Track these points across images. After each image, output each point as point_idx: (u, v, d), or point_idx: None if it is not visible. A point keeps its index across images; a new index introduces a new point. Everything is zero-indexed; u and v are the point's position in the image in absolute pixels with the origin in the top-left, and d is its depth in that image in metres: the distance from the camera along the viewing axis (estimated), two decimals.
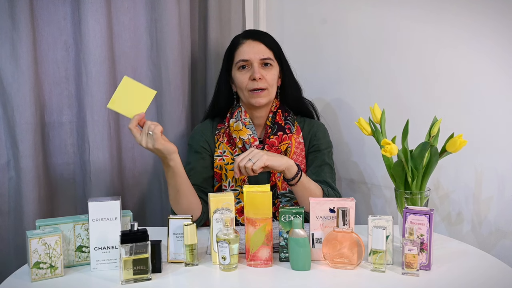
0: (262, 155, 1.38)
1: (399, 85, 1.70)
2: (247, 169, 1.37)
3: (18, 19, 1.52)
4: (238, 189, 1.59)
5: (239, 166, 1.38)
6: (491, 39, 1.45)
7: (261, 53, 1.59)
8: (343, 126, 1.89)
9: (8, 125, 1.56)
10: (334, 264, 1.23)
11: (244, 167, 1.37)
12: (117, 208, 1.23)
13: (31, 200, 1.56)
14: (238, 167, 1.38)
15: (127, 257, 1.15)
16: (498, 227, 1.49)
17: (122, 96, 1.35)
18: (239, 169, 1.38)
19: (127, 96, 1.35)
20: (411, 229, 1.17)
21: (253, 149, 1.40)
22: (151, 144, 1.34)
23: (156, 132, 1.33)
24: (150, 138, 1.33)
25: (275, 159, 1.40)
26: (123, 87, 1.35)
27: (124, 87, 1.35)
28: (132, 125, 1.35)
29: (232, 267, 1.22)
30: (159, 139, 1.34)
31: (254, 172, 1.37)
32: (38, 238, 1.17)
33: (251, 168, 1.36)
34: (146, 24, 1.74)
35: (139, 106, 1.36)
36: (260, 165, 1.37)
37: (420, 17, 1.61)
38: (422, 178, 1.35)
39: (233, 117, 1.64)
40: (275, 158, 1.40)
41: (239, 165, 1.38)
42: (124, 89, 1.35)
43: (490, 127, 1.48)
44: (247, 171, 1.37)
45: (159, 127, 1.34)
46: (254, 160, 1.37)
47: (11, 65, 1.53)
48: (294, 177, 1.43)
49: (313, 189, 1.47)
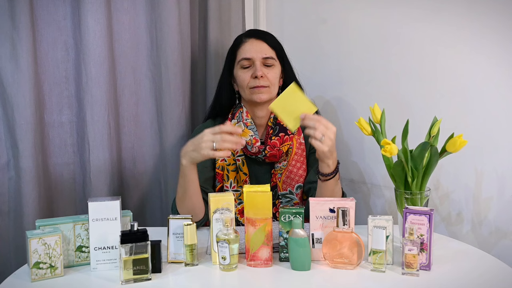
0: (330, 144, 1.33)
1: (399, 85, 1.70)
2: (312, 135, 1.31)
3: (18, 19, 1.52)
4: (240, 190, 1.59)
5: (308, 124, 1.32)
6: (491, 39, 1.45)
7: (264, 52, 1.59)
8: (343, 126, 1.89)
9: (8, 125, 1.56)
10: (334, 264, 1.23)
11: (312, 133, 1.31)
12: (117, 208, 1.23)
13: (31, 200, 1.56)
14: (309, 124, 1.32)
15: (127, 257, 1.15)
16: (498, 227, 1.49)
17: (286, 101, 1.34)
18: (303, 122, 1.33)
19: (290, 103, 1.34)
20: (411, 229, 1.17)
21: (330, 127, 1.33)
22: (203, 147, 1.31)
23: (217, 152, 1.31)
24: (210, 145, 1.31)
25: (330, 156, 1.36)
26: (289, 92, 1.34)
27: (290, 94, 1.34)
28: (225, 127, 1.31)
29: (232, 267, 1.22)
30: (208, 154, 1.32)
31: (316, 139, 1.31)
32: (38, 238, 1.17)
33: (314, 138, 1.31)
34: (146, 24, 1.74)
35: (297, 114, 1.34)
36: (325, 146, 1.32)
37: (420, 16, 1.61)
38: (422, 178, 1.35)
39: (234, 118, 1.64)
40: (331, 155, 1.36)
41: (309, 124, 1.31)
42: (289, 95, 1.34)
43: (490, 127, 1.48)
44: (309, 133, 1.32)
45: (221, 154, 1.32)
46: (323, 139, 1.32)
47: (11, 65, 1.53)
48: (331, 173, 1.41)
49: (337, 190, 1.46)
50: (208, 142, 1.31)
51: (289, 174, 1.60)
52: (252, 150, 1.59)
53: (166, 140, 1.78)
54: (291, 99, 1.34)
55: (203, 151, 1.32)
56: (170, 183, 1.79)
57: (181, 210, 1.45)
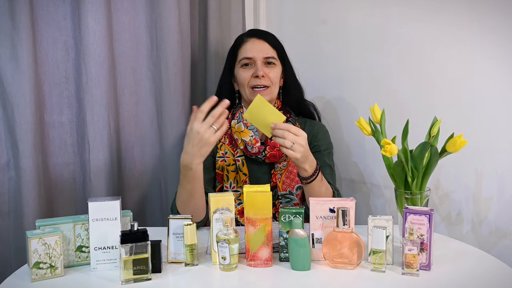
0: (302, 150, 1.34)
1: (399, 85, 1.70)
2: (282, 144, 1.32)
3: (18, 19, 1.52)
4: (240, 190, 1.59)
5: (277, 134, 1.33)
6: (491, 39, 1.45)
7: (265, 51, 1.60)
8: (343, 126, 1.89)
9: (8, 125, 1.56)
10: (334, 264, 1.23)
11: (281, 142, 1.32)
12: (117, 208, 1.23)
13: (31, 200, 1.56)
14: (277, 134, 1.33)
15: (127, 257, 1.15)
16: (498, 227, 1.49)
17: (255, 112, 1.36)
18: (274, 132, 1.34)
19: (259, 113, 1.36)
20: (411, 229, 1.17)
21: (301, 134, 1.34)
22: (208, 137, 1.30)
23: (221, 130, 1.31)
24: (211, 131, 1.30)
25: (305, 160, 1.37)
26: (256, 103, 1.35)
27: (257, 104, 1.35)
28: (203, 107, 1.30)
29: (232, 267, 1.22)
30: (217, 138, 1.31)
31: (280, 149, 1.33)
32: (38, 238, 1.17)
33: (284, 147, 1.32)
34: (146, 24, 1.74)
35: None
36: (297, 153, 1.33)
37: (420, 17, 1.61)
38: (422, 178, 1.35)
39: (234, 118, 1.64)
40: (305, 160, 1.37)
41: (278, 134, 1.32)
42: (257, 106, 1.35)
43: (490, 127, 1.48)
44: (279, 142, 1.33)
45: (225, 128, 1.32)
46: (294, 147, 1.32)
47: (11, 65, 1.53)
48: (311, 176, 1.41)
49: (324, 190, 1.47)
50: (207, 130, 1.30)
51: (289, 175, 1.60)
52: (252, 151, 1.59)
53: (166, 140, 1.78)
54: (260, 110, 1.35)
55: (211, 139, 1.31)
56: (170, 183, 1.79)
57: (184, 212, 1.44)
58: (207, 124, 1.30)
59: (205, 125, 1.30)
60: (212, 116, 1.30)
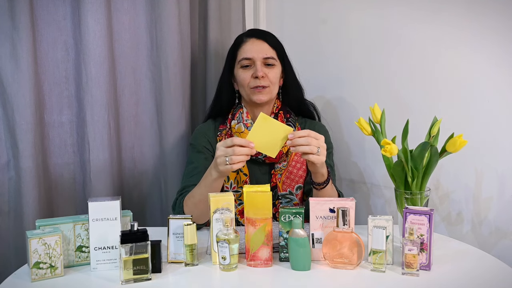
0: (325, 153, 1.33)
1: (399, 85, 1.70)
2: (308, 151, 1.30)
3: (18, 19, 1.52)
4: (240, 191, 1.59)
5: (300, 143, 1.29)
6: (491, 40, 1.45)
7: (264, 52, 1.59)
8: (343, 126, 1.89)
9: (8, 125, 1.56)
10: (334, 264, 1.23)
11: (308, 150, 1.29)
12: (117, 208, 1.23)
13: (31, 200, 1.56)
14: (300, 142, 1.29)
15: (127, 257, 1.15)
16: (498, 227, 1.49)
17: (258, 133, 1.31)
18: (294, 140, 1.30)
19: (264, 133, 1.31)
20: (411, 229, 1.17)
21: (320, 137, 1.32)
22: (219, 162, 1.31)
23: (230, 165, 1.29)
24: (223, 160, 1.30)
25: (323, 164, 1.36)
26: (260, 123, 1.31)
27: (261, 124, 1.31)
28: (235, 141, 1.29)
29: (232, 267, 1.22)
30: (226, 169, 1.30)
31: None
32: (38, 238, 1.17)
33: (311, 154, 1.30)
34: (146, 24, 1.74)
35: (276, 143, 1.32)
36: (322, 156, 1.31)
37: (420, 17, 1.61)
38: (422, 178, 1.35)
39: (234, 119, 1.64)
40: (323, 163, 1.37)
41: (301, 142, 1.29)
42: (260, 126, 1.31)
43: (490, 127, 1.48)
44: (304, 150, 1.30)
45: (235, 167, 1.30)
46: (320, 152, 1.31)
47: (11, 65, 1.53)
48: (326, 181, 1.42)
49: (333, 193, 1.47)
50: (221, 157, 1.31)
51: (289, 175, 1.60)
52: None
53: (166, 140, 1.78)
54: (265, 127, 1.31)
55: (220, 167, 1.32)
56: (170, 183, 1.79)
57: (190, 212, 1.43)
58: (224, 152, 1.30)
59: (223, 152, 1.30)
60: (232, 150, 1.29)
